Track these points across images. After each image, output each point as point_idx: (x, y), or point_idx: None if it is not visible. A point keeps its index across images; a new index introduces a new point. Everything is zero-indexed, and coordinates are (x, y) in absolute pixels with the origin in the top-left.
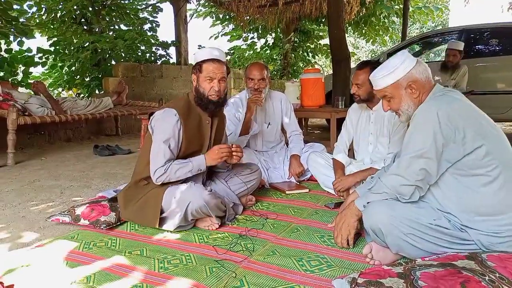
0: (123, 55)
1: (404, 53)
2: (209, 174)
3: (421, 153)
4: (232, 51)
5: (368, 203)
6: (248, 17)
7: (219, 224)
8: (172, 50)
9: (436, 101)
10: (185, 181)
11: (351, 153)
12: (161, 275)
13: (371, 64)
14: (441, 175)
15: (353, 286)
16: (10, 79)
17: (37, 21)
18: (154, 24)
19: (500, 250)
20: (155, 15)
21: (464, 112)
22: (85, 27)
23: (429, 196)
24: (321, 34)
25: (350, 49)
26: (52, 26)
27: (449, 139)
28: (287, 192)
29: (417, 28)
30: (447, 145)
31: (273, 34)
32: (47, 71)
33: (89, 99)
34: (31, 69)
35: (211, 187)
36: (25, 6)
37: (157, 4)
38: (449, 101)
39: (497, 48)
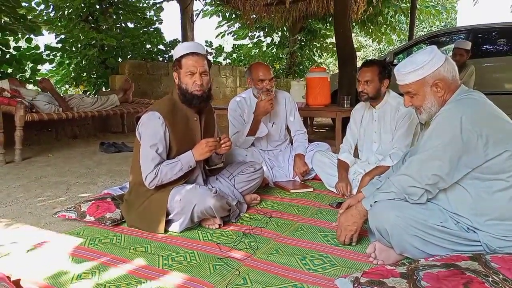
0: (130, 52)
1: (434, 49)
2: (211, 172)
3: (436, 157)
4: (237, 49)
5: (375, 202)
6: (254, 16)
7: (221, 224)
8: None
9: (460, 105)
10: (186, 181)
11: (355, 153)
12: (165, 271)
13: (378, 62)
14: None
15: (355, 285)
16: (18, 76)
17: (45, 18)
18: (158, 24)
19: (504, 252)
20: (159, 14)
21: (489, 116)
22: (92, 25)
23: (440, 195)
24: (327, 33)
25: (356, 47)
26: (59, 24)
27: (470, 145)
28: (291, 191)
29: (425, 28)
30: (467, 151)
31: (279, 33)
32: (55, 68)
33: (96, 96)
34: (39, 66)
35: (216, 187)
36: (33, 4)
37: (161, 4)
38: (474, 104)
39: (505, 48)
